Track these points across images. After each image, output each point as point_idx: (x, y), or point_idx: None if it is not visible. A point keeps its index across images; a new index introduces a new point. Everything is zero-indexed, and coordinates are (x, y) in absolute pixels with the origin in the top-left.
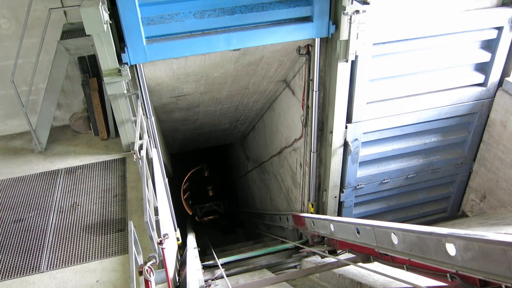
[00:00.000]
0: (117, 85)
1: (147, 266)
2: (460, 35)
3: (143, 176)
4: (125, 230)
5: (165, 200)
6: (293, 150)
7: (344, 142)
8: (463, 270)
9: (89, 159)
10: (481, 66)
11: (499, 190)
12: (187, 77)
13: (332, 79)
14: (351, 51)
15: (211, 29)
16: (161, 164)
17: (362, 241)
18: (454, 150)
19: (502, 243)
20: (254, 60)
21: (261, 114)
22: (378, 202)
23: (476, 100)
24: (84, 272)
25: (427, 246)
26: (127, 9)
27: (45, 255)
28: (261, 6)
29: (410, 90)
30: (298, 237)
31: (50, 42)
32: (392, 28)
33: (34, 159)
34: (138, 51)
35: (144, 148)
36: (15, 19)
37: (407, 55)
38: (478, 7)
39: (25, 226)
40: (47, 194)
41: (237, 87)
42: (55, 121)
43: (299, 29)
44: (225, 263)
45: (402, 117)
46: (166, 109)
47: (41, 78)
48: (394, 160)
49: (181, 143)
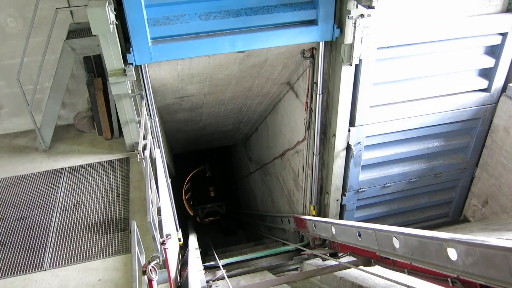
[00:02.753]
0: (122, 85)
1: (150, 265)
2: (465, 40)
3: (147, 177)
4: (128, 229)
5: (167, 201)
6: (295, 153)
7: (347, 145)
8: (464, 275)
9: (93, 158)
10: (485, 71)
11: (501, 196)
12: (191, 78)
13: (336, 82)
14: (355, 54)
15: (216, 30)
16: (164, 165)
17: (363, 245)
18: (456, 155)
19: (504, 249)
20: (259, 62)
21: (264, 116)
22: (380, 205)
23: (480, 105)
24: (86, 270)
25: (428, 251)
26: (133, 10)
27: (47, 253)
28: (267, 8)
29: (414, 95)
30: (300, 239)
31: (56, 41)
32: (396, 32)
33: (38, 157)
34: (143, 52)
35: (147, 148)
36: (21, 18)
37: (411, 60)
38: (483, 13)
39: (28, 224)
40: (50, 193)
41: (241, 89)
42: (60, 120)
43: (304, 32)
44: (226, 264)
45: (405, 121)
46: (169, 110)
47: (47, 77)
48: (397, 164)
49: (183, 143)
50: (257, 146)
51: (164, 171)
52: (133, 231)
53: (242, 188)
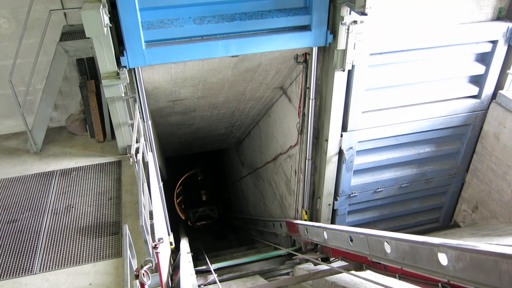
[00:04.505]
0: (115, 88)
1: (143, 270)
2: (456, 47)
3: (139, 180)
4: (119, 233)
5: (159, 204)
6: (288, 157)
7: (339, 150)
8: (455, 280)
9: (85, 161)
10: (476, 78)
11: (491, 201)
12: (184, 81)
13: (328, 87)
14: (348, 60)
15: (210, 35)
16: (156, 168)
17: (355, 249)
18: (447, 161)
19: (493, 254)
20: (252, 66)
21: (257, 120)
22: (372, 210)
23: (470, 111)
24: (77, 274)
25: (419, 256)
26: (128, 13)
27: (38, 256)
28: (261, 13)
29: (406, 101)
30: (291, 244)
31: (49, 43)
32: (389, 39)
33: (29, 159)
34: (137, 55)
35: (140, 151)
36: (15, 19)
37: (403, 66)
38: (474, 21)
39: (19, 227)
40: (41, 196)
41: (234, 93)
42: (52, 122)
43: (297, 37)
44: (218, 269)
45: (397, 127)
46: (162, 113)
47: (39, 78)
48: (388, 169)
49: (176, 147)
50: (249, 150)
51: (156, 175)
52: (125, 235)
53: (234, 192)
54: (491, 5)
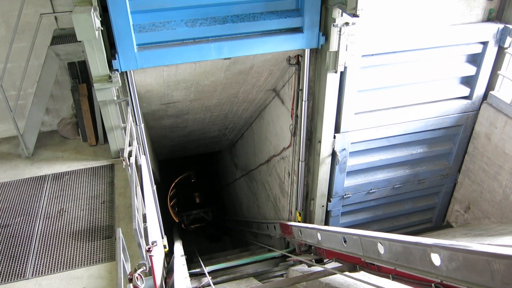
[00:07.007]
0: (107, 92)
1: (137, 273)
2: (447, 49)
3: (132, 183)
4: (113, 237)
5: (153, 207)
6: (281, 159)
7: (332, 151)
8: (448, 280)
9: (77, 165)
10: (467, 79)
11: (483, 201)
12: (177, 84)
13: (321, 89)
14: (340, 62)
15: (203, 37)
16: (149, 171)
17: (348, 250)
18: (439, 161)
19: (486, 254)
20: (245, 69)
21: (250, 122)
22: (365, 211)
23: (462, 112)
24: (70, 279)
25: (412, 256)
26: (119, 16)
27: (30, 261)
28: (253, 16)
29: (398, 102)
30: (285, 245)
31: (40, 47)
32: (381, 40)
33: (21, 164)
34: (129, 58)
35: (133, 155)
36: (5, 23)
37: (395, 67)
38: (464, 22)
39: (11, 232)
40: (33, 200)
41: (227, 95)
42: (43, 126)
43: (289, 39)
44: (212, 271)
45: (390, 128)
46: (155, 116)
47: (30, 82)
48: (381, 170)
49: (169, 149)
50: (243, 152)
51: (149, 178)
52: (118, 238)
53: (228, 194)
54: (481, 7)
